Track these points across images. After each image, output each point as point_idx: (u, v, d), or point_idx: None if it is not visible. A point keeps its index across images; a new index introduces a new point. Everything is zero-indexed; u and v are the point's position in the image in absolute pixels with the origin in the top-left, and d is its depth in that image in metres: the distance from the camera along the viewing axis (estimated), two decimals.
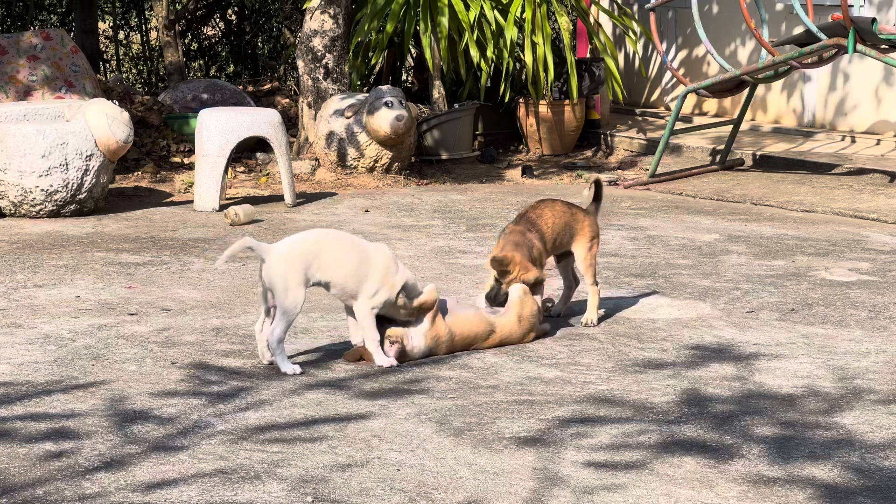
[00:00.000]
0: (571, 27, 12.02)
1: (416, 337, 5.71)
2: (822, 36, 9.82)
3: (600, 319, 6.38)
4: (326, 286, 5.59)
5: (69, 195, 8.98)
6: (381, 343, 5.64)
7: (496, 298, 6.05)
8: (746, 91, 11.04)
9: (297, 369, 5.51)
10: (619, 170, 11.52)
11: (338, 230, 6.00)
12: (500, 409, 5.09)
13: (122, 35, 16.89)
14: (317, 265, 5.52)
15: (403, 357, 5.67)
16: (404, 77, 13.64)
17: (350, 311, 5.70)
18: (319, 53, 11.12)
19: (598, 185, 6.53)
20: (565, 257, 6.41)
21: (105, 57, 16.15)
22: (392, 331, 5.67)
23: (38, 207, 8.97)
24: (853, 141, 11.80)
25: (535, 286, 6.07)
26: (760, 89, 12.37)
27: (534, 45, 11.49)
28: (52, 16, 16.34)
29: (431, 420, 4.95)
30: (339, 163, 10.77)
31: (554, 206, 6.30)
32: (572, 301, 6.54)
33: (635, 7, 13.40)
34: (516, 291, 6.00)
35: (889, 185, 10.28)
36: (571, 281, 6.51)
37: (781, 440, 4.77)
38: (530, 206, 6.33)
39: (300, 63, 11.24)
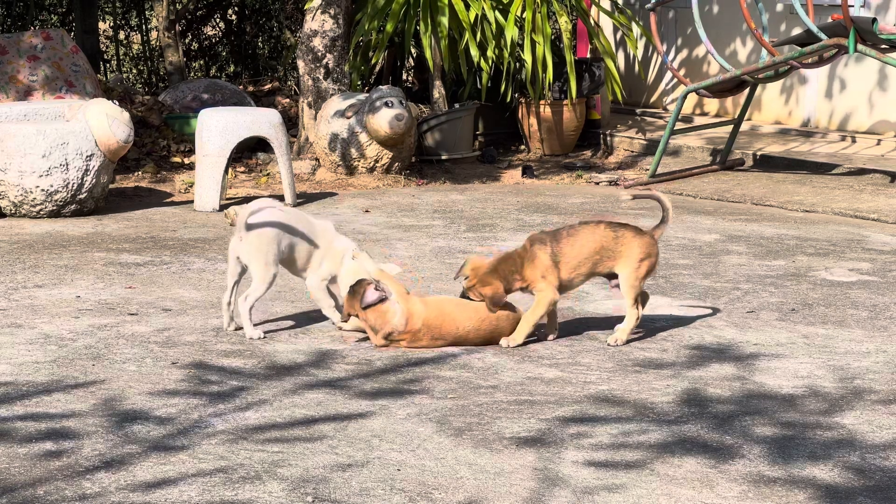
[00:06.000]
0: (571, 27, 12.02)
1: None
2: (823, 36, 9.82)
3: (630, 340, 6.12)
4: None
5: (69, 195, 8.98)
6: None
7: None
8: (747, 91, 11.04)
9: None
10: (619, 170, 11.52)
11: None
12: (501, 409, 5.09)
13: (122, 35, 16.89)
14: None
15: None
16: (405, 77, 13.65)
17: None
18: (320, 53, 11.12)
19: (663, 206, 6.21)
20: (614, 278, 6.09)
21: (105, 57, 16.15)
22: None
23: (38, 207, 8.97)
24: (853, 141, 11.80)
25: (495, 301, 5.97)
26: (761, 89, 12.37)
27: (533, 44, 11.49)
28: (52, 16, 16.34)
29: (432, 420, 4.95)
30: (339, 163, 10.77)
31: (596, 228, 6.01)
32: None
33: (637, 6, 13.40)
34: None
35: (889, 185, 10.28)
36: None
37: (782, 440, 4.77)
38: (573, 224, 6.09)
39: (300, 63, 11.24)
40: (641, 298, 6.11)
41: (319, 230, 6.21)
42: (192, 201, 9.53)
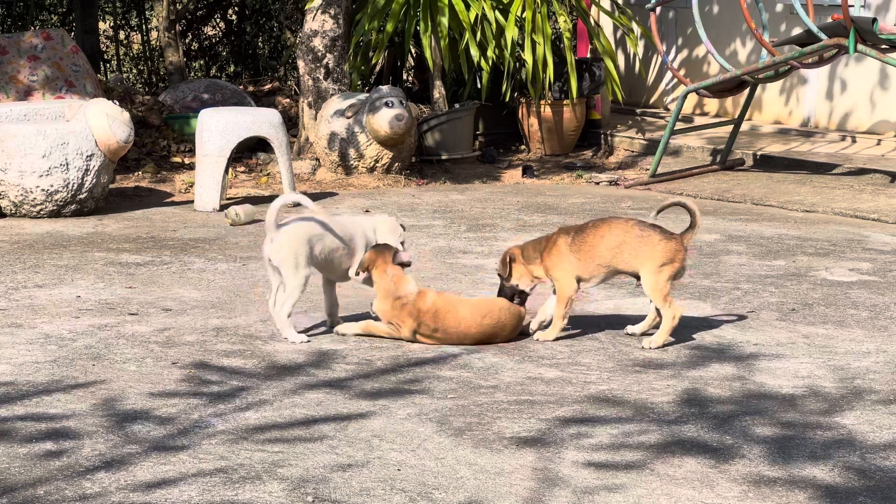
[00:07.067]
0: (571, 27, 12.03)
1: None
2: (823, 36, 9.82)
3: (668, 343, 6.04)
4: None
5: (70, 195, 8.98)
6: None
7: (504, 294, 6.11)
8: (747, 91, 11.04)
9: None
10: (619, 170, 11.53)
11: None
12: (501, 409, 5.09)
13: (122, 35, 16.89)
14: None
15: None
16: (405, 77, 13.65)
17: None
18: (320, 53, 11.12)
19: (689, 211, 6.00)
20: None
21: (105, 57, 16.16)
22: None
23: (38, 207, 8.98)
24: (853, 141, 11.80)
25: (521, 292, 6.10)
26: (761, 89, 12.37)
27: (534, 44, 11.50)
28: (52, 16, 16.34)
29: (432, 420, 4.95)
30: (339, 163, 10.78)
31: (624, 224, 5.92)
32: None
33: (637, 6, 13.40)
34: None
35: (889, 185, 10.28)
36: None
37: (782, 440, 4.77)
38: (594, 220, 6.05)
39: (301, 63, 11.25)
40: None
41: (362, 227, 6.18)
42: (192, 201, 9.53)
